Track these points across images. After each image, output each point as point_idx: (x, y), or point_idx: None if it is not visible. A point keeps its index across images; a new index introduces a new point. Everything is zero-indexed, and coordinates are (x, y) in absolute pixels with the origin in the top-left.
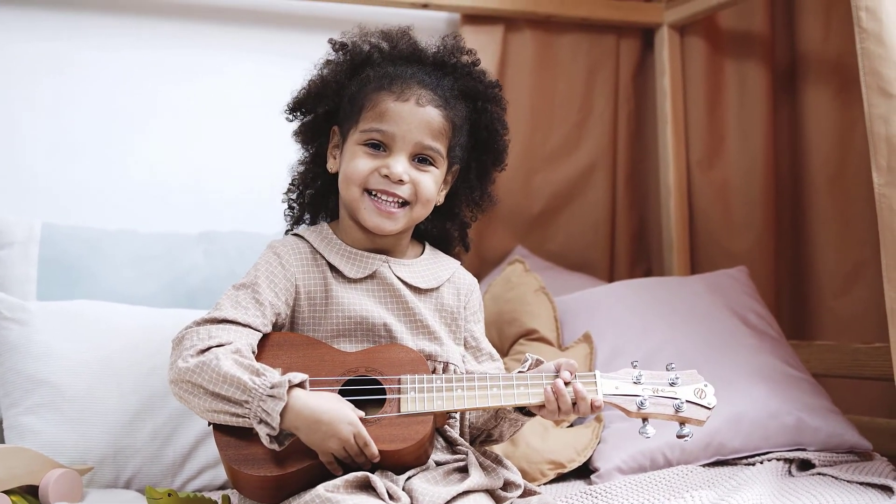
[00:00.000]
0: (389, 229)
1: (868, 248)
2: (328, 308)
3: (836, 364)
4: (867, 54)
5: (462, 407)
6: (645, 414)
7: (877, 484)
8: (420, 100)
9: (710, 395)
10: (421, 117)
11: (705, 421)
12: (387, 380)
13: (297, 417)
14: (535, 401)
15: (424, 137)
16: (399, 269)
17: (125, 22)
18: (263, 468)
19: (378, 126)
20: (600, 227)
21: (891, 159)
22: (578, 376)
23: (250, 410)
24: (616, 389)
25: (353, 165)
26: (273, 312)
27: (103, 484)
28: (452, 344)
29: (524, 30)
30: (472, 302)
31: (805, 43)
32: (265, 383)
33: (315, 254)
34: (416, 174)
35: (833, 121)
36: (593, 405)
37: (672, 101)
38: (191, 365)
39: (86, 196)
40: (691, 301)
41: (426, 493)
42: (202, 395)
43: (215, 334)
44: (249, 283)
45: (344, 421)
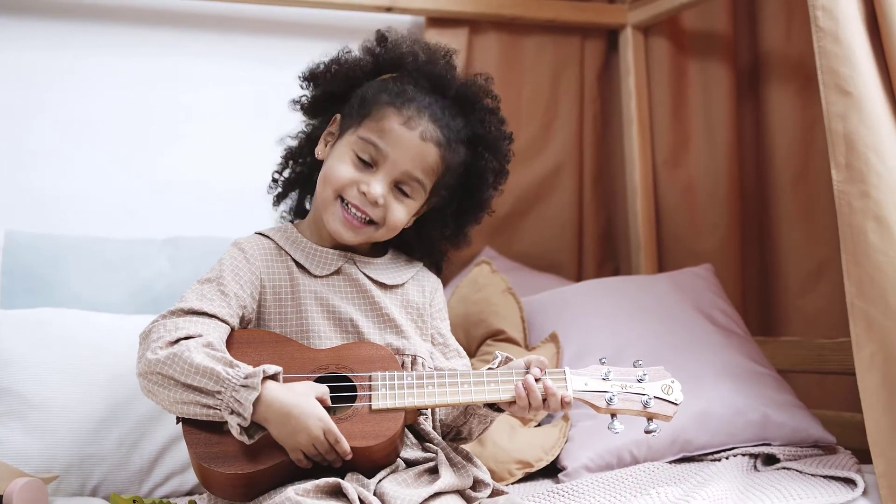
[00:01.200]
0: (347, 240)
1: (832, 245)
2: (294, 303)
3: (801, 360)
4: (824, 53)
5: (433, 403)
6: (614, 410)
7: (840, 477)
8: (425, 134)
9: (677, 392)
10: (419, 150)
11: (672, 416)
12: (358, 377)
13: (268, 409)
14: (505, 397)
15: (415, 170)
16: (364, 266)
17: (87, 29)
18: (233, 465)
19: (375, 141)
20: (568, 227)
21: (849, 156)
22: (548, 373)
23: (222, 402)
24: (585, 386)
25: (337, 169)
26: (239, 305)
27: (69, 492)
28: (419, 339)
29: (489, 32)
30: (437, 300)
31: (767, 42)
32: (239, 374)
33: (280, 251)
34: (391, 200)
35: (796, 119)
36: (563, 401)
37: (637, 101)
38: (161, 356)
39: (49, 204)
40: (657, 299)
41: (397, 496)
42: (172, 386)
43: (183, 326)
44: (214, 277)
45: (314, 416)
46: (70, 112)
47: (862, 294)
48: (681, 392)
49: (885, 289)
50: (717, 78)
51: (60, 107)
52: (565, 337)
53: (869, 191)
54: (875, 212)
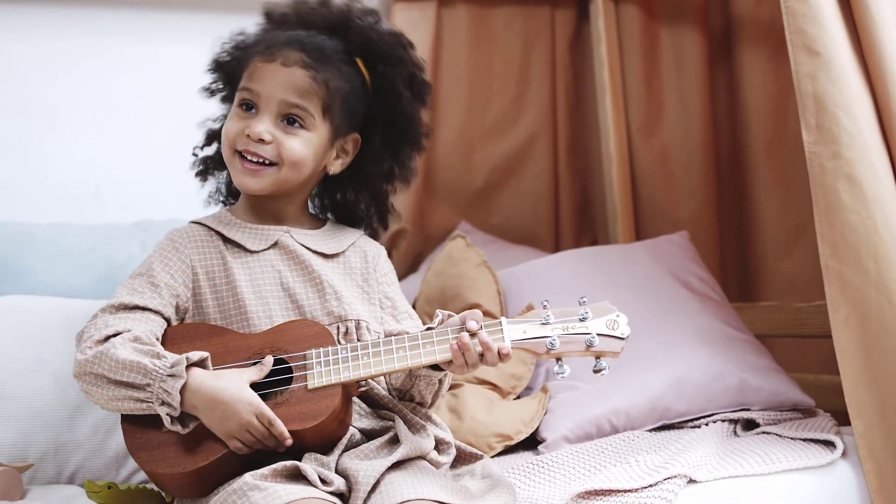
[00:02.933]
0: (254, 187)
1: (808, 209)
2: (229, 286)
3: (779, 324)
4: (792, 13)
5: (369, 374)
6: (556, 354)
7: (820, 439)
8: (286, 60)
9: (623, 325)
10: (284, 76)
11: (620, 352)
12: (292, 357)
13: (194, 396)
14: (441, 357)
15: (289, 96)
16: (301, 237)
17: (43, 11)
18: (177, 465)
19: (246, 85)
20: (544, 199)
21: (819, 117)
22: (484, 325)
23: (152, 394)
24: (524, 334)
25: (227, 126)
26: (171, 294)
27: (45, 480)
28: (364, 304)
29: (457, 5)
30: (381, 265)
31: (738, 7)
32: (165, 364)
33: (210, 234)
34: (280, 135)
35: (769, 84)
36: (501, 353)
37: (609, 70)
38: (89, 356)
39: (15, 190)
40: (633, 268)
41: (359, 470)
42: (104, 384)
43: (112, 323)
44: (145, 271)
45: (243, 402)
46: (35, 97)
47: (836, 255)
48: (627, 325)
49: (858, 249)
50: (689, 44)
51: (25, 93)
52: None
53: (840, 150)
54: (847, 171)
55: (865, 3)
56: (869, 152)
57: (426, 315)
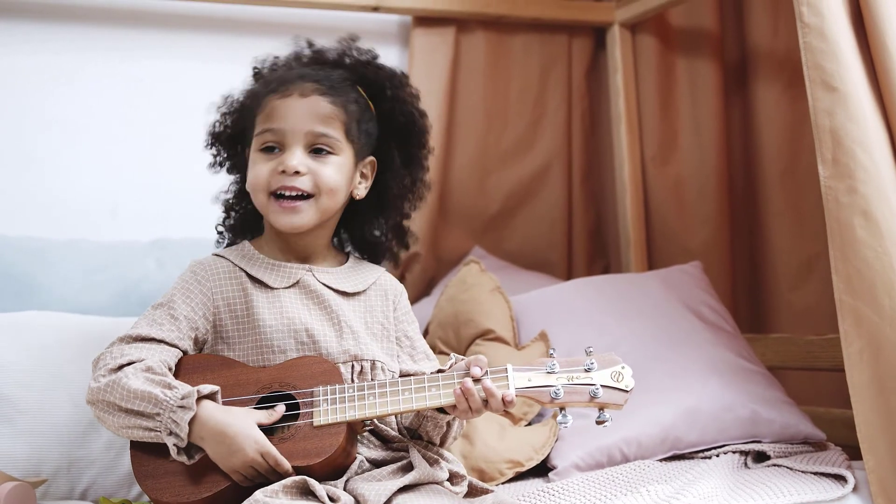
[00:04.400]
0: (299, 224)
1: (821, 242)
2: (250, 321)
3: (790, 356)
4: (810, 49)
5: (374, 414)
6: (560, 403)
7: (831, 473)
8: (304, 91)
9: (628, 378)
10: (306, 107)
11: (623, 404)
12: (300, 393)
13: (202, 428)
14: (445, 401)
15: (314, 126)
16: (322, 276)
17: (65, 28)
18: (182, 495)
19: (267, 126)
20: (557, 225)
21: (836, 152)
22: (490, 371)
23: (161, 423)
24: (529, 382)
25: (254, 172)
26: (190, 327)
27: (58, 496)
28: (382, 344)
29: (476, 31)
30: (402, 304)
31: (754, 39)
32: (176, 395)
33: (235, 269)
34: (313, 164)
35: (784, 115)
36: (504, 400)
37: (625, 98)
38: (102, 384)
39: (34, 206)
40: (646, 297)
41: (370, 490)
42: (115, 412)
43: (128, 352)
44: (166, 302)
45: (250, 438)
46: (55, 115)
47: (850, 290)
48: (632, 378)
49: (873, 284)
50: (705, 75)
51: (48, 109)
52: (554, 335)
53: (856, 186)
54: (862, 207)
55: (883, 39)
56: (885, 188)
57: (438, 339)
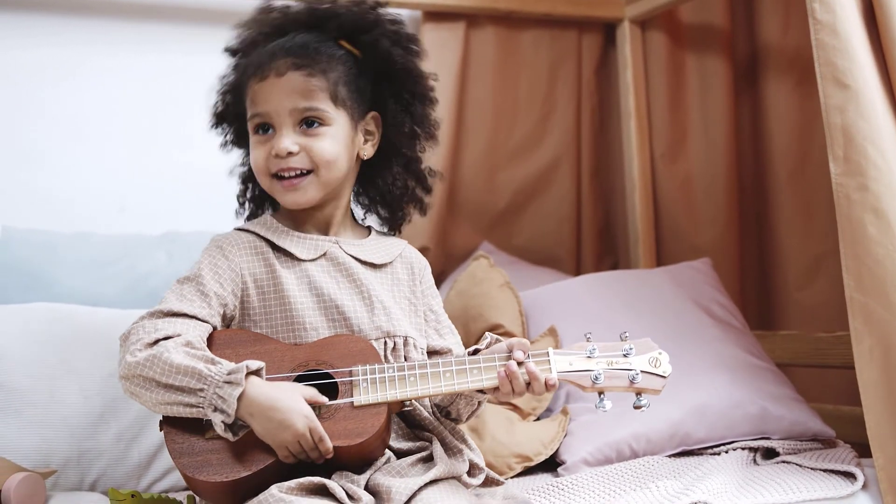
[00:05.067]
0: (303, 201)
1: (830, 239)
2: (278, 296)
3: (799, 353)
4: (822, 45)
5: (416, 395)
6: (600, 388)
7: (840, 470)
8: (278, 70)
9: (665, 363)
10: (283, 86)
11: (661, 390)
12: (338, 372)
13: (251, 404)
14: (488, 384)
15: (296, 102)
16: (349, 247)
17: (81, 26)
18: (217, 473)
19: (254, 111)
20: (566, 221)
21: (847, 149)
22: (531, 355)
23: (205, 399)
24: (570, 366)
25: (254, 157)
26: (219, 303)
27: (67, 487)
28: (411, 318)
29: (486, 26)
30: (426, 278)
31: (765, 36)
32: (221, 370)
33: (260, 243)
34: (305, 141)
35: (794, 113)
36: (548, 384)
37: (635, 95)
38: (140, 359)
39: (44, 199)
40: (655, 293)
41: (392, 486)
42: (154, 387)
43: (162, 327)
44: (193, 276)
45: (300, 413)
46: (65, 108)
47: (861, 287)
48: (669, 364)
49: (884, 282)
50: (715, 71)
51: (56, 103)
52: (563, 331)
53: (867, 183)
54: (874, 204)
55: (895, 36)
56: None
57: None
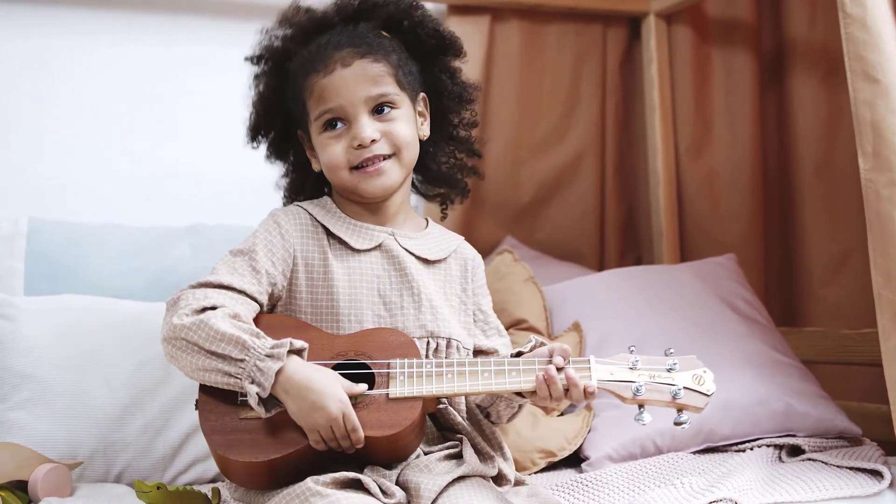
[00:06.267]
0: (388, 185)
1: (856, 235)
2: (326, 283)
3: (825, 350)
4: (852, 39)
5: (452, 392)
6: (641, 400)
7: (867, 469)
8: (344, 61)
9: (709, 382)
10: (353, 76)
11: (703, 408)
12: (376, 364)
13: (288, 381)
14: (526, 387)
15: (369, 90)
16: (405, 241)
17: (108, 16)
18: (250, 454)
19: (324, 107)
20: (589, 216)
21: (876, 144)
22: (572, 361)
23: (244, 370)
24: (611, 375)
25: (328, 154)
26: (269, 282)
27: (93, 478)
28: (458, 318)
29: (510, 20)
30: (479, 276)
31: (791, 30)
32: (265, 344)
33: (316, 225)
34: (383, 126)
35: (820, 108)
36: (586, 391)
37: (660, 89)
38: (187, 322)
39: (72, 190)
40: (680, 289)
41: (422, 482)
42: (195, 352)
43: (211, 296)
44: (247, 251)
45: (335, 397)
46: (91, 100)
47: (889, 284)
48: (713, 382)
49: None
50: (741, 66)
51: (81, 95)
52: (587, 326)
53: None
54: None
55: None
56: None
57: None
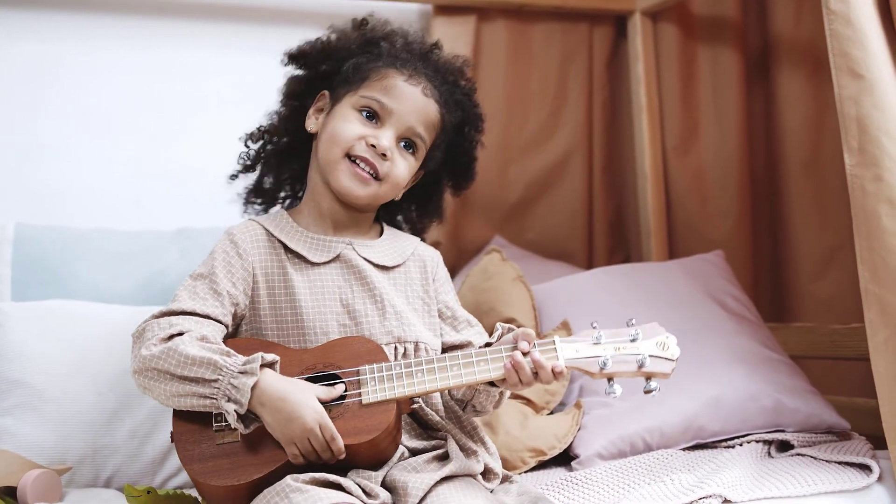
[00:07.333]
0: (358, 194)
1: (844, 231)
2: (288, 297)
3: (814, 346)
4: (836, 36)
5: (423, 390)
6: (609, 374)
7: (855, 463)
8: (426, 90)
9: (673, 346)
10: (422, 105)
11: (670, 373)
12: (346, 373)
13: (263, 394)
14: (495, 375)
15: (419, 125)
16: (363, 250)
17: (98, 21)
18: (232, 477)
19: (381, 98)
20: (578, 215)
21: (861, 140)
22: (538, 344)
23: (219, 390)
24: (577, 353)
25: (343, 127)
26: (231, 303)
27: (83, 484)
28: (422, 320)
29: (497, 20)
30: (440, 273)
31: (777, 27)
32: (237, 361)
33: (272, 240)
34: (396, 155)
35: (807, 104)
36: (554, 371)
37: (646, 87)
38: (155, 352)
39: (59, 195)
40: (669, 286)
41: (409, 481)
42: (168, 380)
43: (176, 323)
44: (207, 274)
45: (309, 407)
46: (78, 104)
47: (876, 279)
48: (677, 346)
49: None
50: (727, 63)
51: (68, 99)
52: (576, 324)
53: (882, 174)
54: (888, 195)
55: None
56: None
57: None
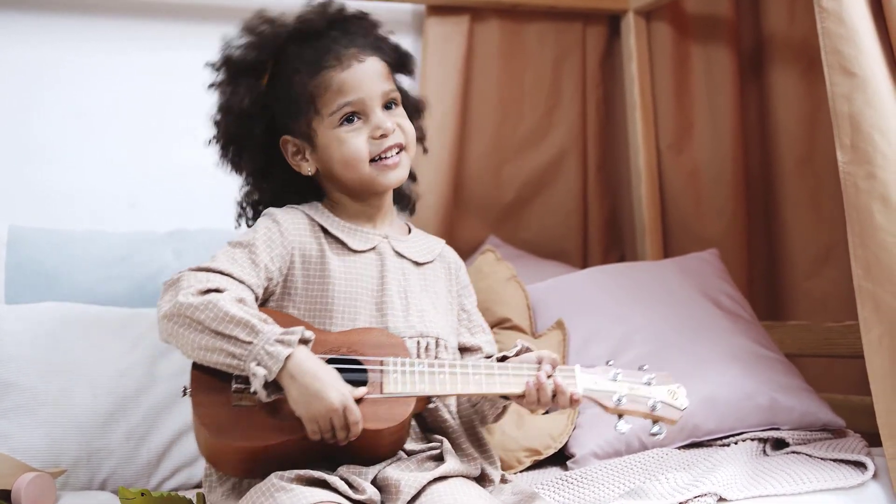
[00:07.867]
0: (402, 176)
1: (839, 229)
2: (322, 281)
3: (809, 343)
4: (828, 34)
5: (445, 392)
6: (622, 410)
7: (850, 460)
8: (357, 57)
9: (682, 398)
10: (369, 71)
11: (677, 421)
12: (369, 361)
13: (296, 367)
14: (516, 390)
15: (382, 85)
16: (398, 244)
17: (88, 22)
18: (242, 439)
19: (344, 100)
20: (572, 214)
21: (854, 137)
22: (559, 370)
23: (250, 353)
24: (595, 384)
25: (348, 148)
26: (266, 277)
27: (77, 486)
28: (446, 317)
29: (490, 19)
30: (462, 277)
31: (770, 25)
32: (275, 330)
33: (313, 224)
34: (393, 118)
35: (801, 102)
36: (572, 398)
37: (640, 86)
38: (194, 301)
39: (53, 198)
40: (663, 285)
41: (402, 479)
42: (200, 331)
43: (214, 280)
44: (247, 243)
45: (337, 389)
46: (72, 106)
47: (869, 276)
48: (686, 398)
49: (892, 270)
50: (721, 62)
51: (62, 101)
52: (571, 324)
53: (875, 171)
54: (881, 192)
55: None
56: None
57: None
